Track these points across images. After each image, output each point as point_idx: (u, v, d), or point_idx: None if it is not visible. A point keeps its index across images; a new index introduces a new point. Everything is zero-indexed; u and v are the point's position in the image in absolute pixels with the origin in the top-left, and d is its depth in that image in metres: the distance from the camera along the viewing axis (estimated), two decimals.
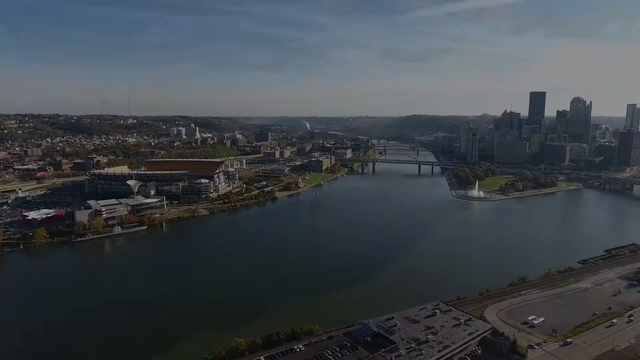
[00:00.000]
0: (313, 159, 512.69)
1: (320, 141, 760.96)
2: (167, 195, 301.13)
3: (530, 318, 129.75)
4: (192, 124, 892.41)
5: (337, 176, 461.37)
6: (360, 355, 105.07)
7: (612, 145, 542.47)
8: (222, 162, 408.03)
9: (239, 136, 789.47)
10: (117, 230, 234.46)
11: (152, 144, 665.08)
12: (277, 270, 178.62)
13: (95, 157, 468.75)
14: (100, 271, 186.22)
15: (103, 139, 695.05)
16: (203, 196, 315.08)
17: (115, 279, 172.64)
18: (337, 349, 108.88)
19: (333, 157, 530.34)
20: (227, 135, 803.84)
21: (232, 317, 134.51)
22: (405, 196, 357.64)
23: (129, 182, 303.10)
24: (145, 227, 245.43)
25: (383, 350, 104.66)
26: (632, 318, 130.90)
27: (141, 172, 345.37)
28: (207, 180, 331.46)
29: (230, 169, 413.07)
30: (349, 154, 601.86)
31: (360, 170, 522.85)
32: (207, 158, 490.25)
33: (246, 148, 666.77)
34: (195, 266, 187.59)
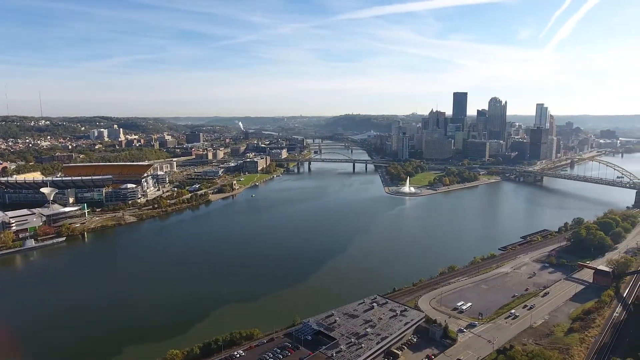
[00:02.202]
0: (248, 159, 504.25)
1: (255, 141, 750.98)
2: (89, 203, 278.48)
3: (459, 304, 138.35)
4: (116, 125, 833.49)
5: (273, 176, 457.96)
6: (301, 355, 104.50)
7: (525, 141, 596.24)
8: (150, 165, 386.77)
9: (168, 137, 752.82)
10: (30, 243, 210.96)
11: (70, 147, 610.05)
12: (213, 276, 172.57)
13: (1, 163, 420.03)
14: (11, 289, 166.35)
15: (10, 143, 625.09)
16: (130, 202, 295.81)
17: (29, 295, 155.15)
18: (278, 350, 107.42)
19: (268, 158, 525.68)
20: (155, 136, 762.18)
21: (167, 328, 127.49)
22: (341, 194, 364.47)
23: (43, 189, 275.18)
24: (64, 238, 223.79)
25: (324, 347, 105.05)
26: (545, 297, 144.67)
27: (57, 178, 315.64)
28: (134, 185, 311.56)
29: (160, 172, 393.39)
30: (284, 154, 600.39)
31: (296, 170, 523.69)
32: (133, 161, 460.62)
33: (176, 150, 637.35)
34: (122, 276, 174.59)
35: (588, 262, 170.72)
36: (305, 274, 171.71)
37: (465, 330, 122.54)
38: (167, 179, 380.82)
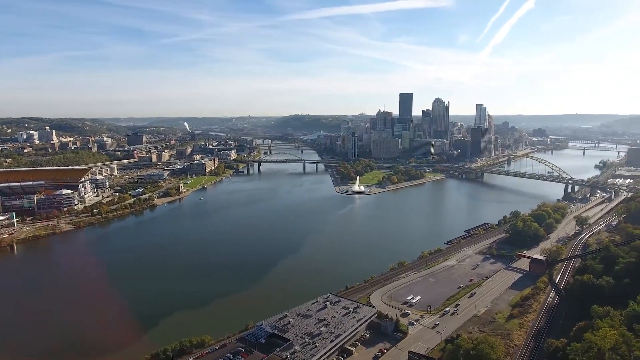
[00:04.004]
0: (195, 161, 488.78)
1: (202, 143, 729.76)
2: (18, 211, 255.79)
3: (409, 298, 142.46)
4: (47, 127, 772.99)
5: (222, 178, 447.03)
6: (255, 359, 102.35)
7: (466, 140, 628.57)
8: (87, 170, 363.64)
9: (107, 139, 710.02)
10: None
11: None
12: (161, 284, 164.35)
13: None
14: None
15: None
16: (66, 209, 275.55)
17: None
18: (231, 356, 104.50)
19: (216, 159, 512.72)
20: (93, 138, 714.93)
21: (110, 343, 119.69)
22: (292, 195, 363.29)
23: None
24: None
25: (278, 349, 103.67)
26: (487, 286, 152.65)
27: None
28: (69, 191, 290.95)
29: (99, 177, 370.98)
30: (233, 155, 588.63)
31: (245, 172, 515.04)
32: (68, 165, 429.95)
33: (117, 153, 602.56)
34: (56, 289, 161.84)
35: (524, 251, 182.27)
36: (257, 276, 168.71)
37: (415, 323, 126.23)
38: (107, 184, 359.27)
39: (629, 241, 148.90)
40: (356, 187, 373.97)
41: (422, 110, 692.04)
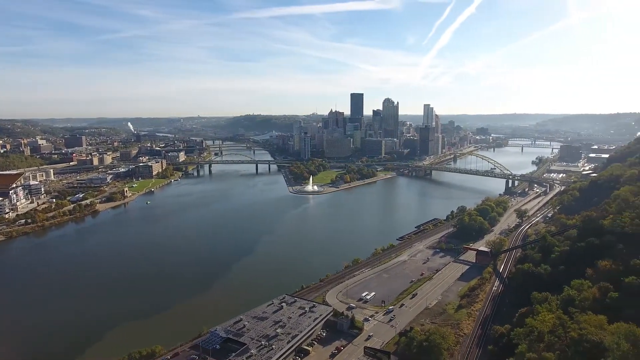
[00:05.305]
0: (141, 164, 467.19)
1: (149, 144, 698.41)
2: None
3: (364, 294, 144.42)
4: None
5: (171, 181, 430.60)
6: None
7: (415, 139, 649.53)
8: (19, 175, 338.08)
9: (42, 142, 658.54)
10: None
11: None
12: (104, 294, 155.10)
13: None
14: None
15: None
16: None
17: None
18: None
19: (164, 161, 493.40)
20: (25, 141, 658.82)
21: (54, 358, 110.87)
22: (245, 196, 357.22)
23: None
24: None
25: (234, 354, 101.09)
26: (438, 279, 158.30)
27: None
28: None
29: (33, 182, 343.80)
30: (182, 156, 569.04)
31: (195, 174, 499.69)
32: None
33: (53, 156, 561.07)
34: None
35: (471, 244, 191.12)
36: (210, 281, 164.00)
37: (370, 318, 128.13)
38: (42, 189, 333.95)
39: (562, 231, 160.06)
40: (309, 187, 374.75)
41: (373, 110, 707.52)
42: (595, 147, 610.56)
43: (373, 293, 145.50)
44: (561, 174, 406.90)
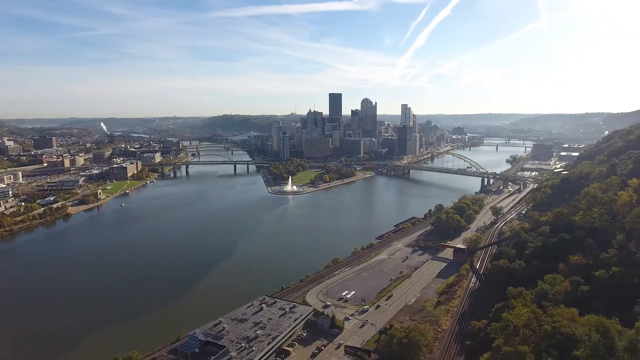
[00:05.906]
0: (115, 165, 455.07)
1: (123, 145, 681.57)
2: None
3: (344, 293, 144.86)
4: None
5: (146, 183, 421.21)
6: None
7: (393, 138, 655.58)
8: None
9: (9, 143, 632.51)
10: None
11: None
12: (78, 301, 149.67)
13: None
14: None
15: None
16: None
17: None
18: None
19: (140, 162, 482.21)
20: None
21: None
22: (224, 197, 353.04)
23: None
24: None
25: (213, 357, 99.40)
26: (416, 277, 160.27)
27: None
28: None
29: (0, 185, 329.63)
30: (158, 157, 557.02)
31: (172, 175, 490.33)
32: None
33: (21, 158, 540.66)
34: None
35: (448, 242, 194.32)
36: (189, 284, 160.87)
37: (350, 317, 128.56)
38: (10, 193, 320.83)
39: (536, 227, 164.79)
40: (289, 187, 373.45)
41: (352, 110, 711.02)
42: (566, 145, 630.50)
43: (353, 292, 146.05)
44: (534, 172, 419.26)
